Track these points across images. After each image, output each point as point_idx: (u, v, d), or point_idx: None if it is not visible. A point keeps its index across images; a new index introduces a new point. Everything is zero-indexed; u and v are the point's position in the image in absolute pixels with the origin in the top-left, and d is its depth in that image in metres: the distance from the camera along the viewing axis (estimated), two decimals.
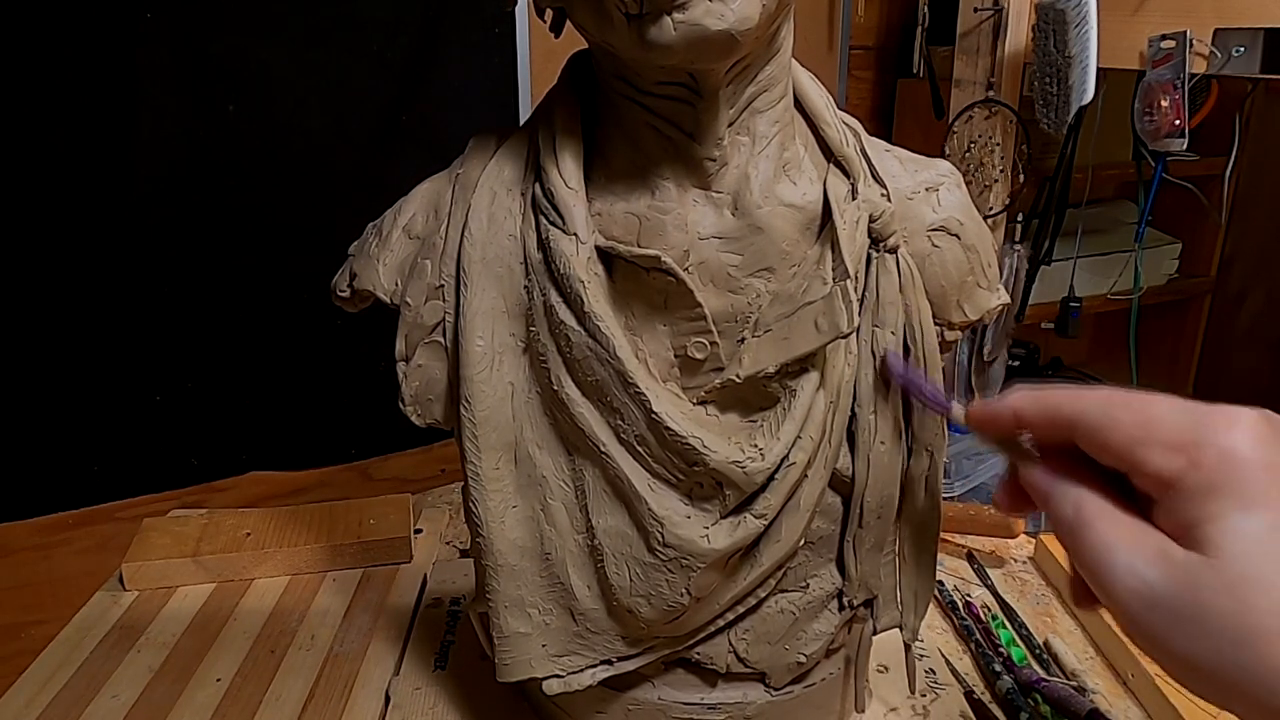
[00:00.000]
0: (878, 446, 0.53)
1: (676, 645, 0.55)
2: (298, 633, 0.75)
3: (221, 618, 0.77)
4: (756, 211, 0.48)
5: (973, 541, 0.92)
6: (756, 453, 0.48)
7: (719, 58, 0.43)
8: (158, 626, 0.76)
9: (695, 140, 0.48)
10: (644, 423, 0.49)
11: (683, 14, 0.40)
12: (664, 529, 0.49)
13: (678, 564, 0.50)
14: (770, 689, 0.57)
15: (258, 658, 0.72)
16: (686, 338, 0.50)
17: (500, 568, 0.52)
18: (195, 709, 0.66)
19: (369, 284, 0.56)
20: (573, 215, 0.49)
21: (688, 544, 0.49)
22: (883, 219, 0.50)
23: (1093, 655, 0.74)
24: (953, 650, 0.74)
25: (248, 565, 0.83)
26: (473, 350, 0.51)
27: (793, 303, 0.49)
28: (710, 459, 0.48)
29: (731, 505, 0.50)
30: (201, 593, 0.82)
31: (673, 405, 0.49)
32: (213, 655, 0.72)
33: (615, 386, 0.48)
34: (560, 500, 0.52)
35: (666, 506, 0.50)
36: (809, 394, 0.49)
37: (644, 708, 0.58)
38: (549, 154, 0.51)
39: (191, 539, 0.86)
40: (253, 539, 0.86)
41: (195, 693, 0.68)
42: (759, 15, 0.41)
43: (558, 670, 0.54)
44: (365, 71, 1.06)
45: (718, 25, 0.40)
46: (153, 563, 0.82)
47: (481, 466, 0.51)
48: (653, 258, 0.48)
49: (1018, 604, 0.80)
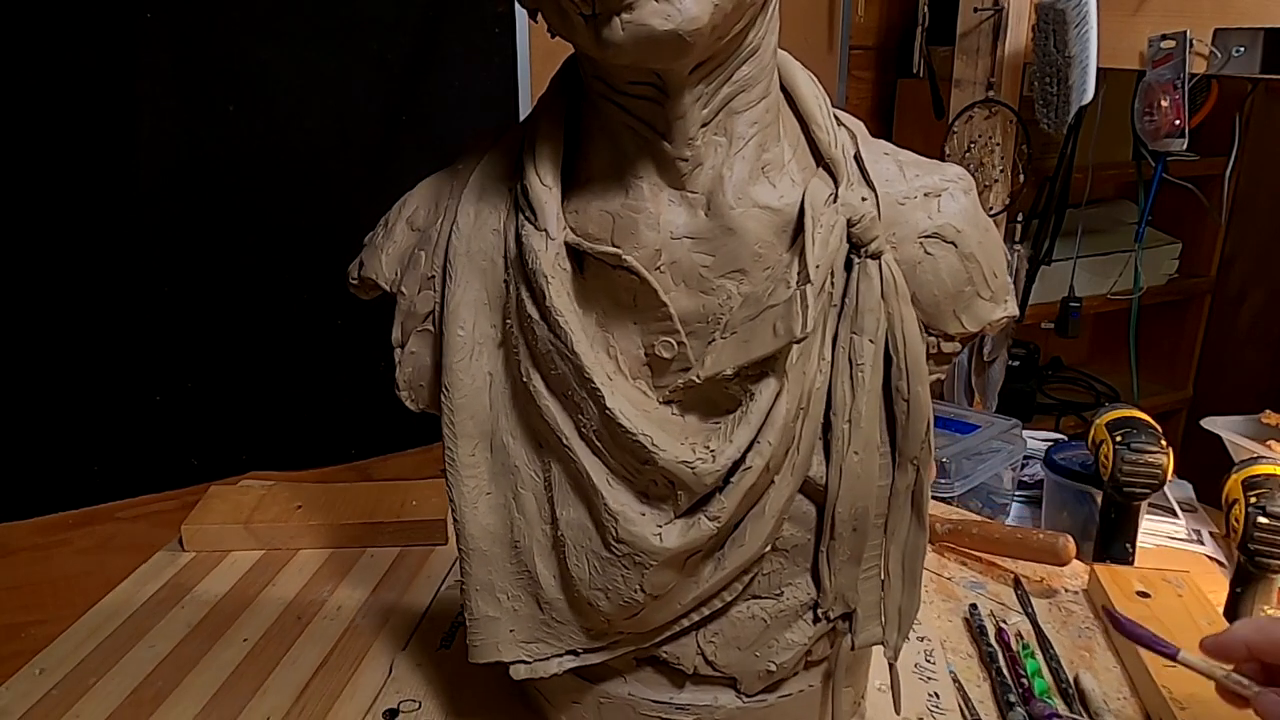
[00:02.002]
0: (851, 456, 0.52)
1: (642, 642, 0.55)
2: (326, 603, 0.79)
3: (262, 583, 0.82)
4: (729, 212, 0.48)
5: (1022, 567, 0.87)
6: (708, 454, 0.48)
7: (670, 58, 0.43)
8: (204, 586, 0.81)
9: (666, 140, 0.48)
10: (599, 419, 0.49)
11: (630, 14, 0.41)
12: (618, 525, 0.50)
13: (631, 560, 0.50)
14: (741, 695, 0.57)
15: (285, 623, 0.76)
16: (655, 336, 0.50)
17: (472, 551, 0.54)
18: (218, 665, 0.70)
19: (372, 272, 0.58)
20: (544, 211, 0.49)
21: (640, 541, 0.49)
22: (862, 224, 0.50)
23: (1126, 695, 0.71)
24: (972, 676, 0.72)
25: (294, 536, 0.88)
26: (453, 339, 0.52)
27: (759, 305, 0.48)
28: (659, 458, 0.48)
29: (685, 506, 0.50)
30: (250, 558, 0.86)
31: (627, 402, 0.49)
32: (245, 617, 0.77)
33: (574, 381, 0.49)
34: (530, 490, 0.53)
35: (622, 503, 0.50)
36: (767, 398, 0.49)
37: (615, 702, 0.58)
38: (529, 152, 0.51)
39: (247, 507, 0.91)
40: (302, 512, 0.90)
41: (222, 651, 0.72)
42: (708, 16, 0.41)
43: (524, 656, 0.55)
44: (365, 71, 1.06)
45: (664, 25, 0.40)
46: (209, 527, 0.87)
47: (458, 453, 0.53)
48: (614, 255, 0.48)
49: (1057, 635, 0.77)
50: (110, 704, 0.65)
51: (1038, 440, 1.16)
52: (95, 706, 0.65)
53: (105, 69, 0.94)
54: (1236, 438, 1.05)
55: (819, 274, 0.47)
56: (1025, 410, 1.64)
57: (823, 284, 0.49)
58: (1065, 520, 1.01)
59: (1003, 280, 0.55)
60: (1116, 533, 0.89)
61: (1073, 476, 0.99)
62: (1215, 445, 1.07)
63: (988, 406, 1.45)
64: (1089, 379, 1.86)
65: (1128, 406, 0.92)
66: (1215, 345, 1.88)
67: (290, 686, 0.68)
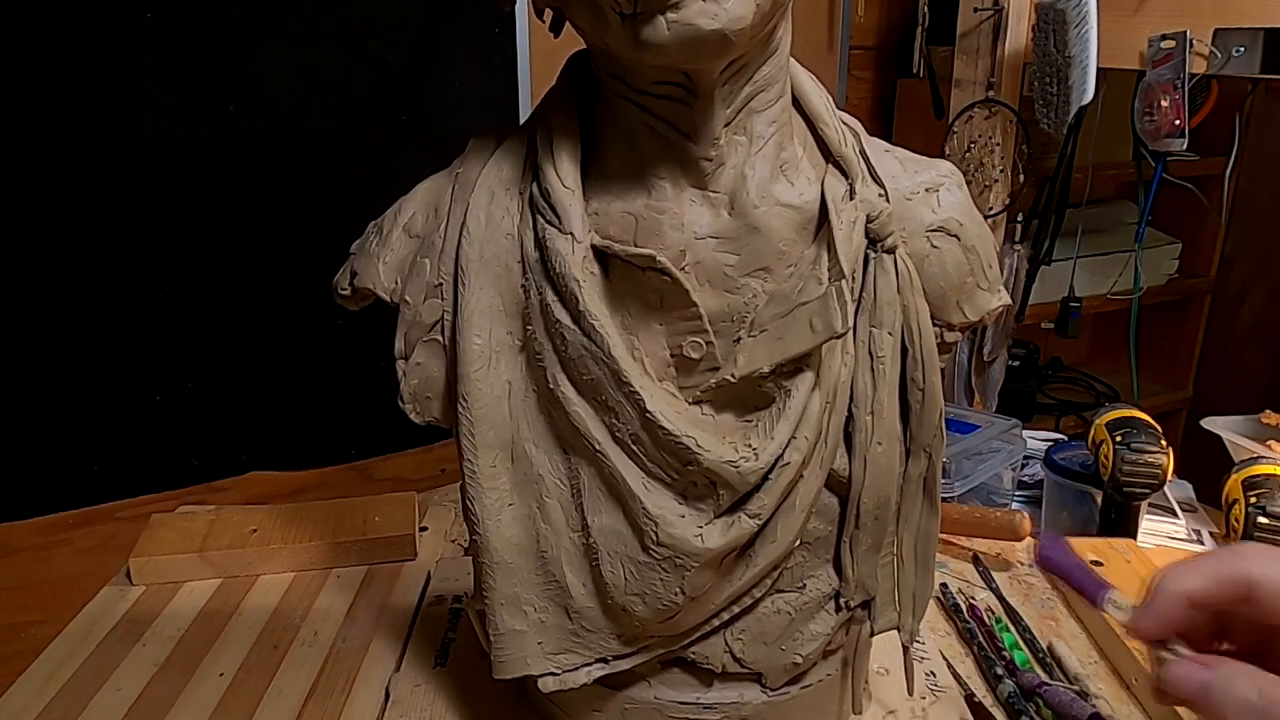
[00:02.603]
0: (874, 447, 0.53)
1: (672, 645, 0.55)
2: (301, 629, 0.76)
3: (226, 613, 0.78)
4: (753, 211, 0.49)
5: (978, 544, 0.90)
6: (750, 452, 0.48)
7: (713, 57, 0.43)
8: (163, 621, 0.77)
9: (691, 140, 0.48)
10: (638, 422, 0.49)
11: (676, 13, 0.40)
12: (658, 528, 0.49)
13: (672, 563, 0.50)
14: (766, 689, 0.57)
15: (261, 653, 0.73)
16: (682, 337, 0.50)
17: (496, 565, 0.53)
18: (198, 703, 0.67)
19: (369, 282, 0.57)
20: (569, 214, 0.49)
21: (681, 543, 0.49)
22: (880, 219, 0.50)
23: (1096, 660, 0.73)
24: (955, 653, 0.74)
25: (253, 561, 0.84)
26: (470, 348, 0.51)
27: (788, 303, 0.49)
28: (704, 458, 0.48)
29: (725, 505, 0.50)
30: (207, 588, 0.82)
31: (667, 405, 0.49)
32: (217, 650, 0.73)
33: (610, 385, 0.49)
34: (556, 498, 0.52)
35: (660, 506, 0.50)
36: (804, 394, 0.49)
37: (640, 707, 0.58)
38: (546, 153, 0.51)
39: (198, 535, 0.86)
40: (258, 535, 0.86)
41: (199, 687, 0.68)
42: (753, 15, 0.41)
43: (553, 668, 0.54)
44: (365, 71, 1.07)
45: (711, 25, 0.40)
46: (159, 558, 0.83)
47: (478, 464, 0.52)
48: (647, 257, 0.48)
49: (1022, 607, 0.79)
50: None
51: (1038, 440, 1.16)
52: None
53: (105, 69, 0.94)
54: (1236, 438, 1.05)
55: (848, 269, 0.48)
56: (1025, 410, 1.65)
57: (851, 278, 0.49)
58: (1065, 520, 1.00)
59: (996, 270, 0.57)
60: (1116, 533, 0.89)
61: (1073, 476, 0.99)
62: (1215, 445, 1.07)
63: (988, 406, 1.46)
64: (1089, 379, 1.86)
65: (1128, 406, 0.92)
66: (1215, 345, 1.88)
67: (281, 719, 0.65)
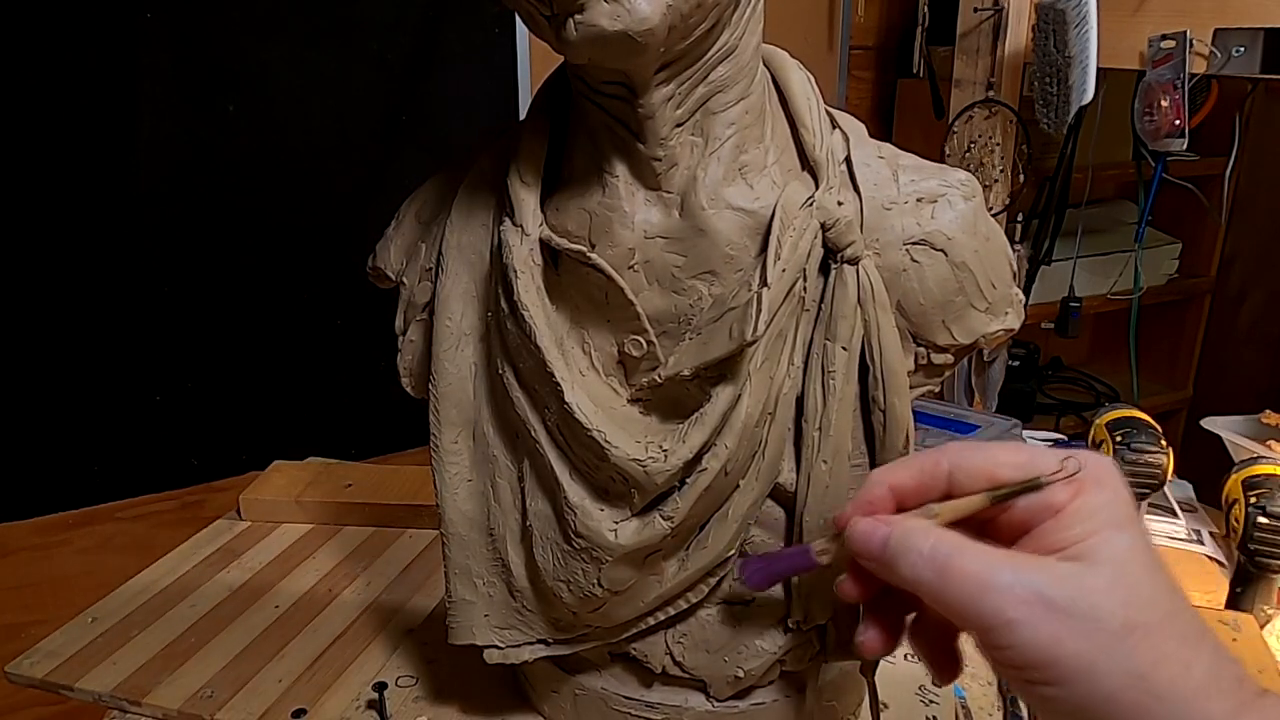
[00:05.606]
0: (820, 464, 0.51)
1: (610, 637, 0.56)
2: (358, 578, 0.82)
3: (303, 555, 0.86)
4: (700, 213, 0.48)
5: None
6: (660, 454, 0.49)
7: (624, 58, 0.43)
8: (252, 554, 0.86)
9: (639, 139, 0.48)
10: (558, 412, 0.50)
11: (582, 15, 0.41)
12: (577, 519, 0.51)
13: (589, 554, 0.51)
14: (711, 699, 0.58)
15: (316, 595, 0.80)
16: (625, 335, 0.51)
17: (452, 536, 0.56)
18: (247, 627, 0.74)
19: (383, 263, 0.60)
20: (521, 208, 0.51)
21: (596, 536, 0.51)
22: (836, 228, 0.49)
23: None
24: (984, 704, 0.69)
25: (340, 513, 0.92)
26: (441, 329, 0.54)
27: (722, 307, 0.49)
28: (612, 454, 0.48)
29: (640, 505, 0.50)
30: (298, 531, 0.91)
31: (587, 398, 0.50)
32: (281, 586, 0.81)
33: (539, 375, 0.50)
34: (506, 479, 0.55)
35: (581, 497, 0.51)
36: (724, 401, 0.49)
37: (589, 694, 0.60)
38: (514, 149, 0.53)
39: (302, 482, 0.95)
40: (351, 490, 0.93)
41: (254, 615, 0.76)
42: (659, 17, 0.41)
43: (497, 641, 0.57)
44: (365, 71, 1.07)
45: (613, 26, 0.41)
46: (264, 498, 0.93)
47: (442, 440, 0.55)
48: (580, 252, 0.48)
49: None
50: (146, 654, 0.70)
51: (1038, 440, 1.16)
52: (132, 655, 0.70)
53: (105, 69, 0.94)
54: (1236, 438, 1.05)
55: (785, 278, 0.47)
56: (1025, 410, 1.65)
57: (790, 288, 0.48)
58: None
59: (1003, 292, 0.53)
60: None
61: None
62: (1215, 445, 1.07)
63: (988, 406, 1.46)
64: (1089, 379, 1.86)
65: (1128, 406, 0.92)
66: (1215, 345, 1.88)
67: (306, 654, 0.71)
